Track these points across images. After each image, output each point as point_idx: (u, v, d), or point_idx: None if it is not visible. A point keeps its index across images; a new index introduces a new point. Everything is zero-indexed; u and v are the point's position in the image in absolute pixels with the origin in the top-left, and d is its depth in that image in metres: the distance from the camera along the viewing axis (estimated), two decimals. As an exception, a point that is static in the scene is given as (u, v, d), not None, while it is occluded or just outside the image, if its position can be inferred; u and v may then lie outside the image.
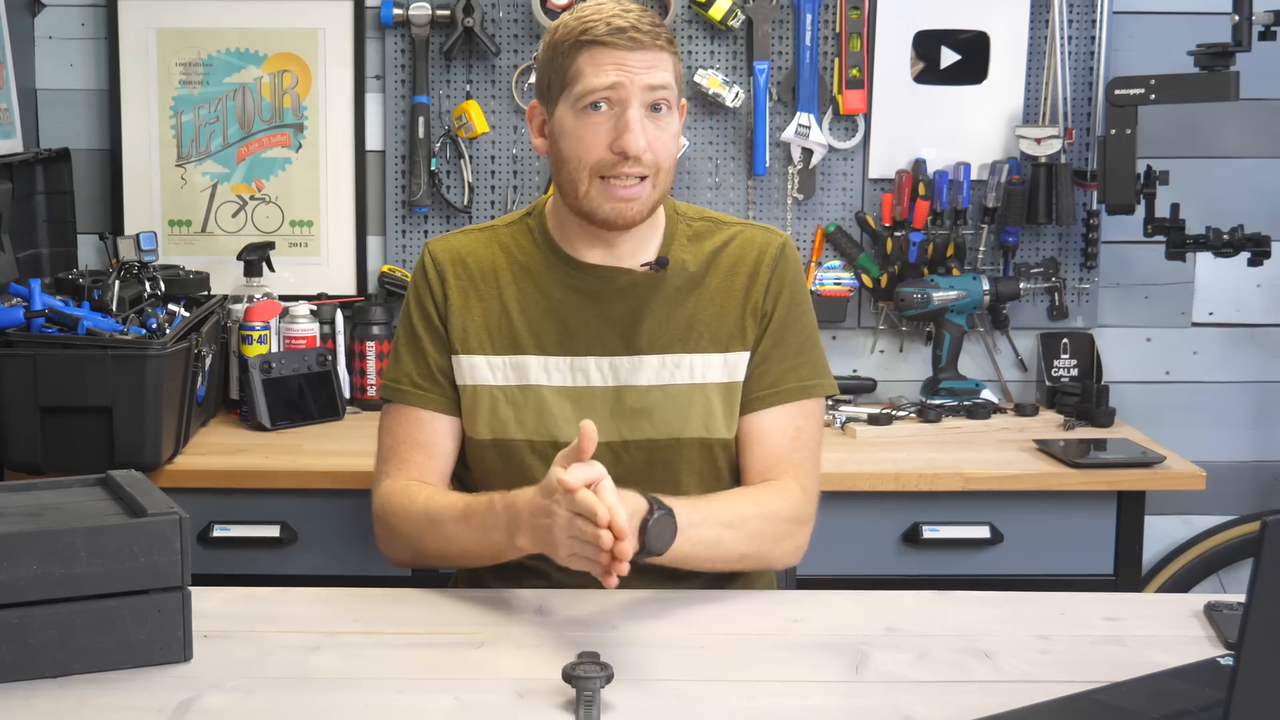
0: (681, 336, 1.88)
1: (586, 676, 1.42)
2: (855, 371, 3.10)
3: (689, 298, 1.89)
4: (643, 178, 1.79)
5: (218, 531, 2.53)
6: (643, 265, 1.88)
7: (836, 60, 3.02)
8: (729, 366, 1.88)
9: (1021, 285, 3.01)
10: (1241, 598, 1.37)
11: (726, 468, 1.90)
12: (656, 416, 1.87)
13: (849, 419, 2.84)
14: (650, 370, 1.87)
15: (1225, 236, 2.91)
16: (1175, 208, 2.94)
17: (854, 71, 3.01)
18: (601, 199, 1.80)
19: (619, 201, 1.80)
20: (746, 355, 1.89)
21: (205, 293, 2.90)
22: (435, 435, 1.90)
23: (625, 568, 1.54)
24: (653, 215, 1.87)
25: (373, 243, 3.09)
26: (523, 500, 1.67)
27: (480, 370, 1.88)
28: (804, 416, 1.90)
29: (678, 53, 1.83)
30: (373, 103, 3.06)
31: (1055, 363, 3.08)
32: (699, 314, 1.88)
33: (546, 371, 1.87)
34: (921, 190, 3.00)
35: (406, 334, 1.94)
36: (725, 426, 1.88)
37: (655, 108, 1.79)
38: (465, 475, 1.95)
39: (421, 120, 2.98)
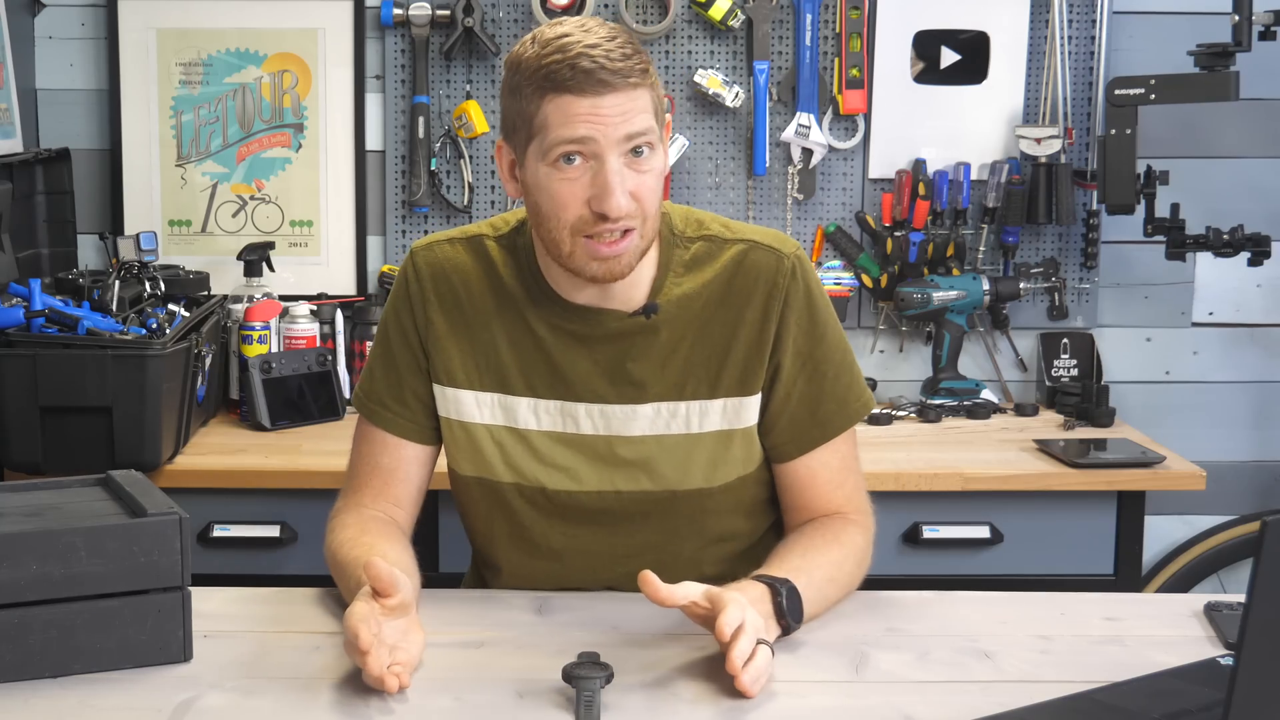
0: (678, 383, 1.73)
1: (586, 676, 1.42)
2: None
3: (685, 338, 1.73)
4: (627, 231, 1.62)
5: (218, 531, 2.53)
6: (633, 313, 1.72)
7: (836, 60, 3.02)
8: (729, 413, 1.74)
9: (1021, 285, 3.01)
10: (1241, 598, 1.37)
11: (727, 515, 1.81)
12: (653, 469, 1.74)
13: (849, 419, 2.84)
14: (644, 420, 1.73)
15: (1225, 236, 2.91)
16: (1175, 208, 2.94)
17: (854, 71, 3.01)
18: (586, 259, 1.63)
19: (605, 260, 1.62)
20: (752, 400, 1.74)
21: (205, 293, 2.91)
22: (398, 461, 1.79)
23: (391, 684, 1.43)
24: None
25: (373, 243, 3.09)
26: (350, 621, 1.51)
27: (467, 406, 1.76)
28: (846, 442, 1.80)
29: (654, 79, 1.63)
30: (373, 103, 3.06)
31: (1055, 363, 3.08)
32: (695, 355, 1.73)
33: (536, 415, 1.75)
34: (921, 190, 3.01)
35: (383, 348, 1.81)
36: (724, 473, 1.76)
37: (636, 151, 1.60)
38: (460, 510, 1.87)
39: (421, 120, 2.98)
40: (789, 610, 1.57)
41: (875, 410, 2.88)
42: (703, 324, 1.73)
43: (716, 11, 2.95)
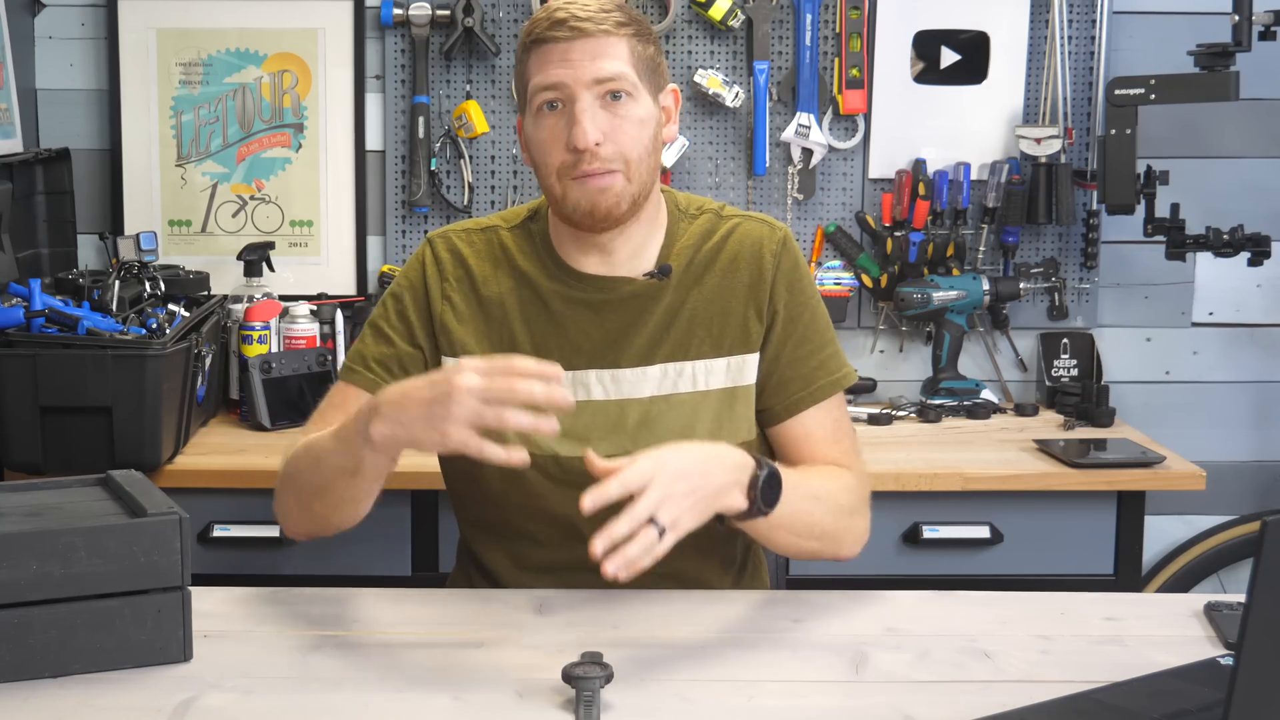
0: (682, 342, 1.81)
1: (586, 676, 1.42)
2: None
3: (688, 300, 1.82)
4: (610, 172, 1.71)
5: (218, 531, 2.53)
6: (645, 274, 1.81)
7: (836, 60, 3.02)
8: (732, 371, 1.81)
9: (1021, 285, 3.01)
10: (1241, 598, 1.37)
11: None
12: (660, 428, 1.80)
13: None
14: (652, 381, 1.80)
15: (1225, 236, 2.91)
16: (1175, 208, 2.94)
17: (854, 71, 3.01)
18: (577, 195, 1.72)
19: (592, 193, 1.71)
20: (753, 357, 1.82)
21: (205, 293, 2.90)
22: None
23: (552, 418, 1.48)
24: (650, 215, 1.81)
25: (373, 243, 3.09)
26: (394, 387, 1.57)
27: None
28: (837, 408, 1.85)
29: (642, 32, 1.74)
30: (373, 103, 3.06)
31: (1055, 363, 3.08)
32: (699, 316, 1.81)
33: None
34: (921, 190, 3.01)
35: (380, 318, 1.85)
36: (730, 433, 1.81)
37: (614, 95, 1.70)
38: (465, 482, 1.86)
39: (421, 120, 2.98)
40: (765, 486, 1.58)
41: (875, 410, 2.88)
42: (704, 286, 1.83)
43: (716, 11, 2.95)
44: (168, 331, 2.51)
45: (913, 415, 2.91)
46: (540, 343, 1.81)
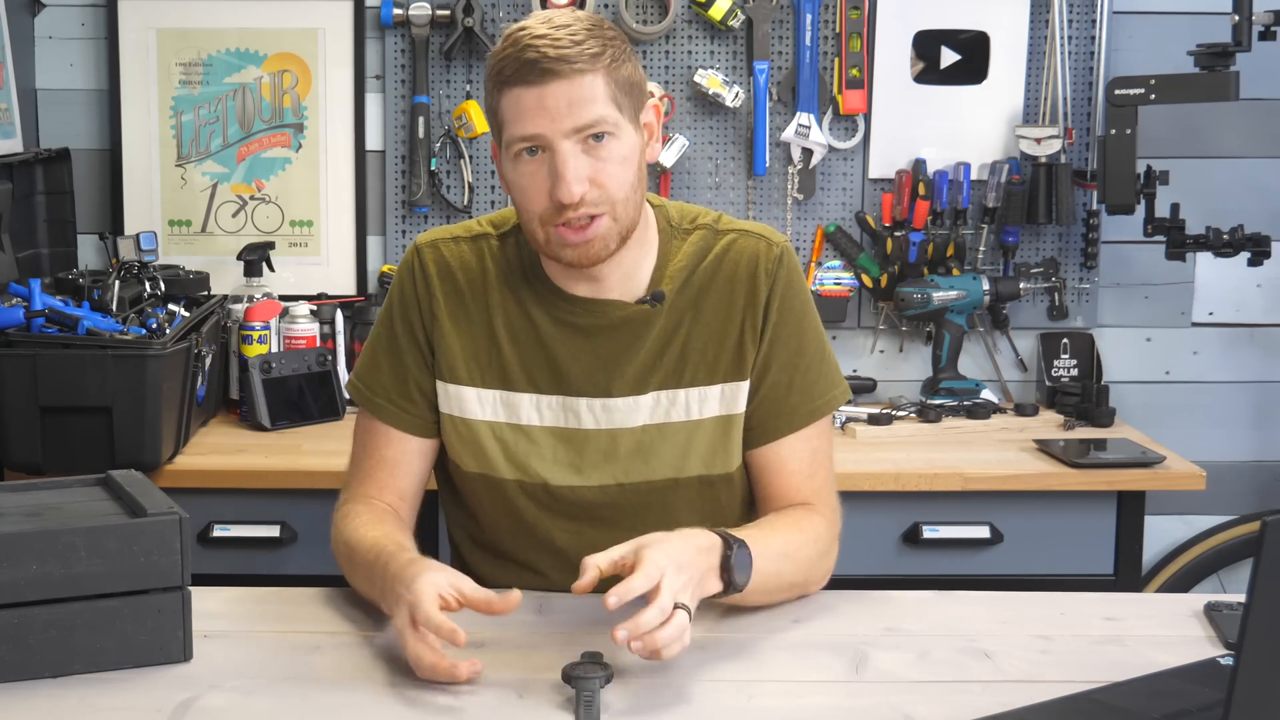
0: (676, 369, 1.75)
1: (586, 676, 1.42)
2: (855, 371, 3.09)
3: (682, 325, 1.75)
4: (595, 217, 1.63)
5: (218, 531, 2.53)
6: (638, 300, 1.74)
7: (836, 60, 3.02)
8: (727, 399, 1.75)
9: (1021, 285, 3.01)
10: (1241, 598, 1.37)
11: (728, 503, 1.81)
12: (653, 458, 1.75)
13: (849, 419, 2.84)
14: (644, 410, 1.74)
15: (1225, 236, 2.91)
16: (1175, 208, 2.94)
17: (854, 71, 3.01)
18: (560, 246, 1.65)
19: (577, 245, 1.64)
20: (746, 384, 1.76)
21: (205, 293, 2.91)
22: (403, 454, 1.80)
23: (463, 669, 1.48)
24: (640, 237, 1.73)
25: (373, 243, 3.09)
26: (395, 570, 1.57)
27: (469, 403, 1.77)
28: (817, 436, 1.79)
29: (618, 55, 1.63)
30: (373, 103, 3.06)
31: (1055, 363, 3.08)
32: (693, 342, 1.75)
33: (539, 411, 1.76)
34: (921, 190, 3.01)
35: (388, 340, 1.81)
36: (725, 461, 1.77)
37: (595, 138, 1.62)
38: (459, 498, 1.85)
39: (421, 120, 2.98)
40: (737, 565, 1.56)
41: (875, 410, 2.88)
42: (700, 310, 1.76)
43: (716, 11, 2.95)
44: (168, 331, 2.52)
45: (913, 415, 2.91)
46: (529, 366, 1.76)
